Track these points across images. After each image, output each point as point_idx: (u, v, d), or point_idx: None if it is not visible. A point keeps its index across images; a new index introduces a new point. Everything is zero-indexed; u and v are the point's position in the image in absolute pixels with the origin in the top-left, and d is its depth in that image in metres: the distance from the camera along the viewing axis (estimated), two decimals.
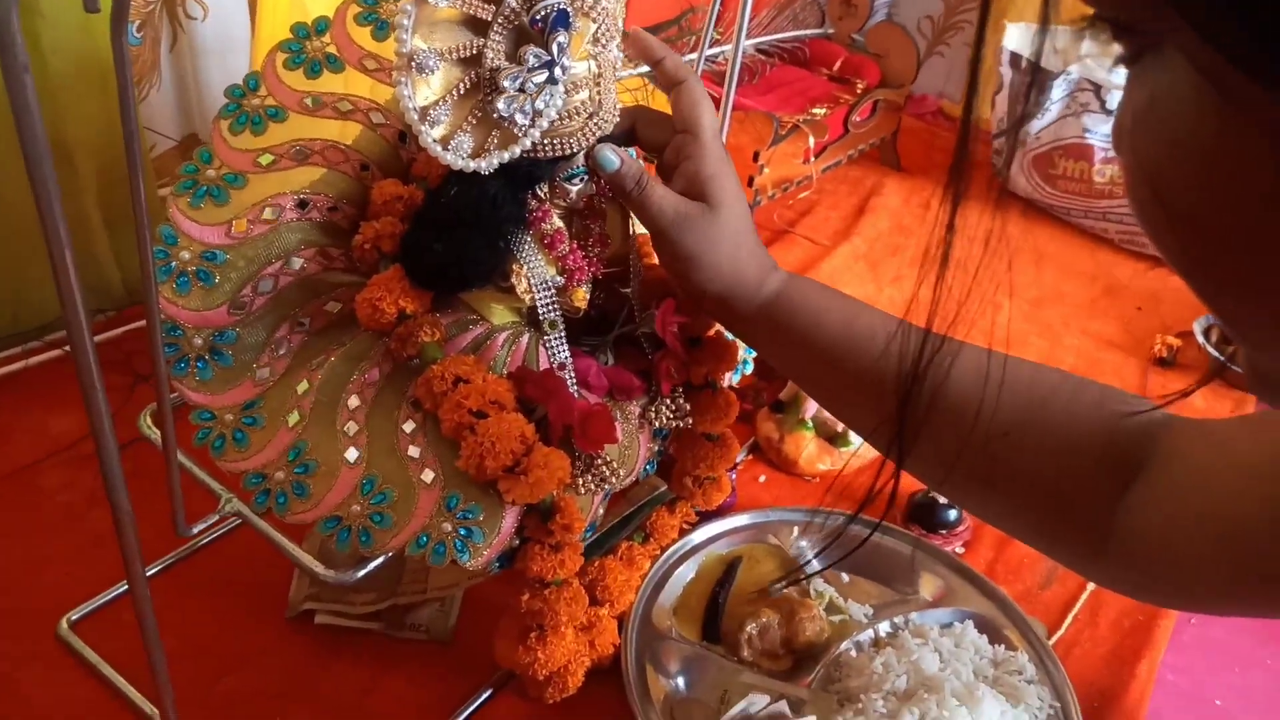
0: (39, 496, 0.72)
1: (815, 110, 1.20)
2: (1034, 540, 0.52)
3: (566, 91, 0.51)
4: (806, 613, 0.64)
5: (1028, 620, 0.66)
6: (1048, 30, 0.28)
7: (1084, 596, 0.74)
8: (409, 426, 0.54)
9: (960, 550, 0.75)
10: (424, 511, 0.51)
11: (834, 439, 0.82)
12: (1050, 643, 0.66)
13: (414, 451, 0.53)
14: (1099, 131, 1.17)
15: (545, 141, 0.52)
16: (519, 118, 0.50)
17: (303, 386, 0.55)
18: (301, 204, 0.56)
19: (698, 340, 0.63)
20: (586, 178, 0.56)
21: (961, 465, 0.49)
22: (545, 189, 0.56)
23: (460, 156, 0.51)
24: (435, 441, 0.53)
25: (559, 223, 0.56)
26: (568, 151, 0.53)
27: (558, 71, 0.50)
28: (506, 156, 0.51)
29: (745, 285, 0.56)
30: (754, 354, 0.77)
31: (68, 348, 0.81)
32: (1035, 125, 1.20)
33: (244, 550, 0.66)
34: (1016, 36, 1.20)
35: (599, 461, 0.56)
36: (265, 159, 0.56)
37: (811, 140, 1.13)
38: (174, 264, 0.55)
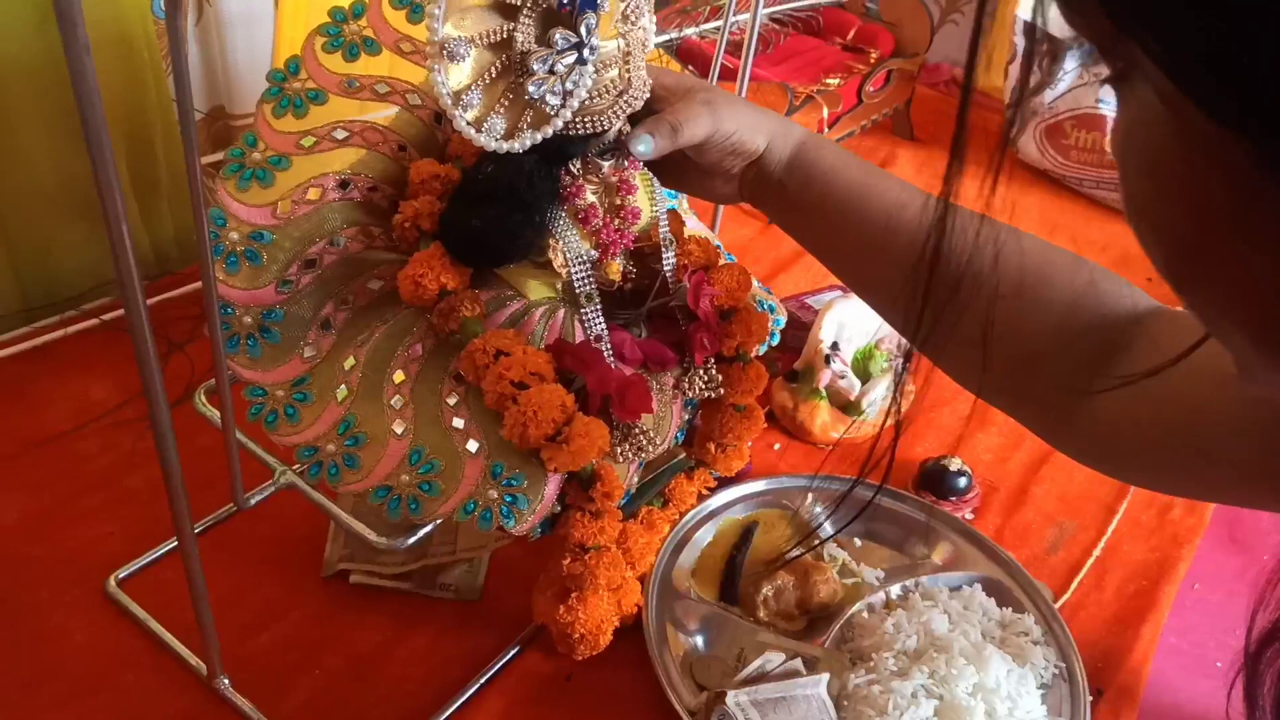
0: (80, 460, 0.75)
1: (829, 80, 1.20)
2: (1007, 401, 0.55)
3: (596, 70, 0.53)
4: (820, 576, 0.67)
5: (1035, 584, 0.69)
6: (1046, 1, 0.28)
7: (1089, 562, 0.77)
8: (453, 399, 0.56)
9: (969, 516, 0.78)
10: (470, 480, 0.54)
11: (847, 408, 0.84)
12: (1056, 606, 0.68)
13: (458, 423, 0.55)
14: (1112, 102, 1.18)
15: (577, 120, 0.54)
16: (550, 98, 0.52)
17: (349, 362, 0.57)
18: (343, 184, 0.58)
19: (729, 312, 0.65)
20: (618, 153, 0.58)
21: (973, 333, 0.51)
22: (578, 165, 0.57)
23: (493, 138, 0.52)
24: (478, 413, 0.55)
25: (592, 197, 0.58)
26: (599, 129, 0.55)
27: (586, 52, 0.51)
28: (539, 137, 0.53)
29: (779, 134, 0.59)
30: (781, 325, 0.79)
31: (106, 316, 0.83)
32: (1048, 95, 1.21)
33: (280, 513, 0.69)
34: (1031, 5, 1.20)
35: (636, 430, 0.59)
36: (307, 141, 0.58)
37: (825, 111, 1.14)
38: (223, 245, 0.56)
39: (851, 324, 0.85)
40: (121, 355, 0.80)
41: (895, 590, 0.68)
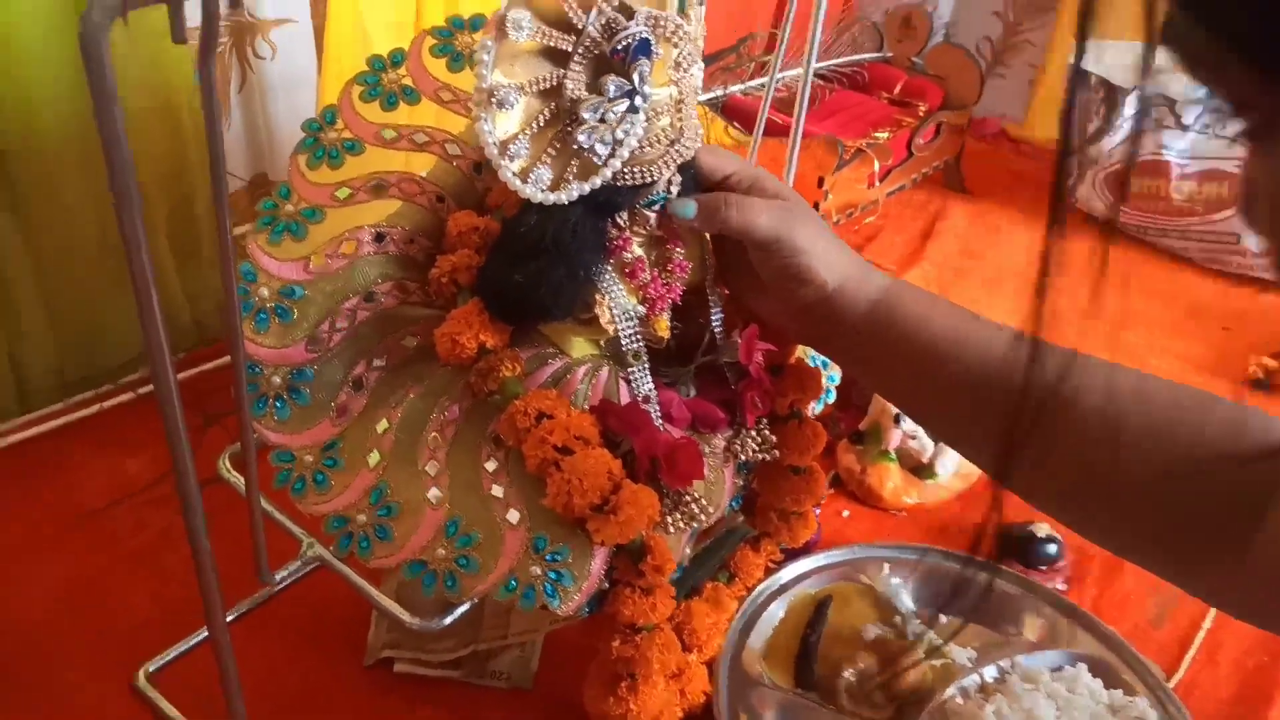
0: (114, 539, 0.72)
1: (877, 134, 1.17)
2: (1156, 562, 0.48)
3: (647, 119, 0.50)
4: (906, 657, 0.60)
5: (1143, 661, 0.62)
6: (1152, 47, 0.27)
7: (1200, 635, 0.69)
8: (491, 465, 0.52)
9: (1062, 587, 0.71)
10: (511, 553, 0.50)
11: (919, 470, 0.78)
12: (1170, 685, 0.61)
13: (497, 490, 0.51)
14: (1175, 147, 1.13)
15: (626, 170, 0.51)
16: (599, 148, 0.49)
17: (382, 425, 0.54)
18: (378, 237, 0.55)
19: (780, 368, 0.61)
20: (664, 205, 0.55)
21: (1083, 479, 0.46)
22: (625, 217, 0.54)
23: (539, 189, 0.49)
24: (519, 479, 0.51)
25: (639, 251, 0.55)
26: (648, 180, 0.52)
27: (639, 100, 0.48)
28: (586, 188, 0.49)
29: (855, 278, 0.54)
30: (836, 381, 0.74)
31: (142, 390, 0.81)
32: (1108, 143, 1.16)
33: (321, 593, 0.65)
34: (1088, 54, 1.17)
35: (687, 498, 0.54)
36: (343, 193, 0.56)
37: (876, 164, 1.11)
38: (253, 301, 0.54)
39: None
40: (158, 429, 0.77)
41: (990, 672, 0.61)
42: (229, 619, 0.61)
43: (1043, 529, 0.71)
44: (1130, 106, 1.13)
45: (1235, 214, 1.10)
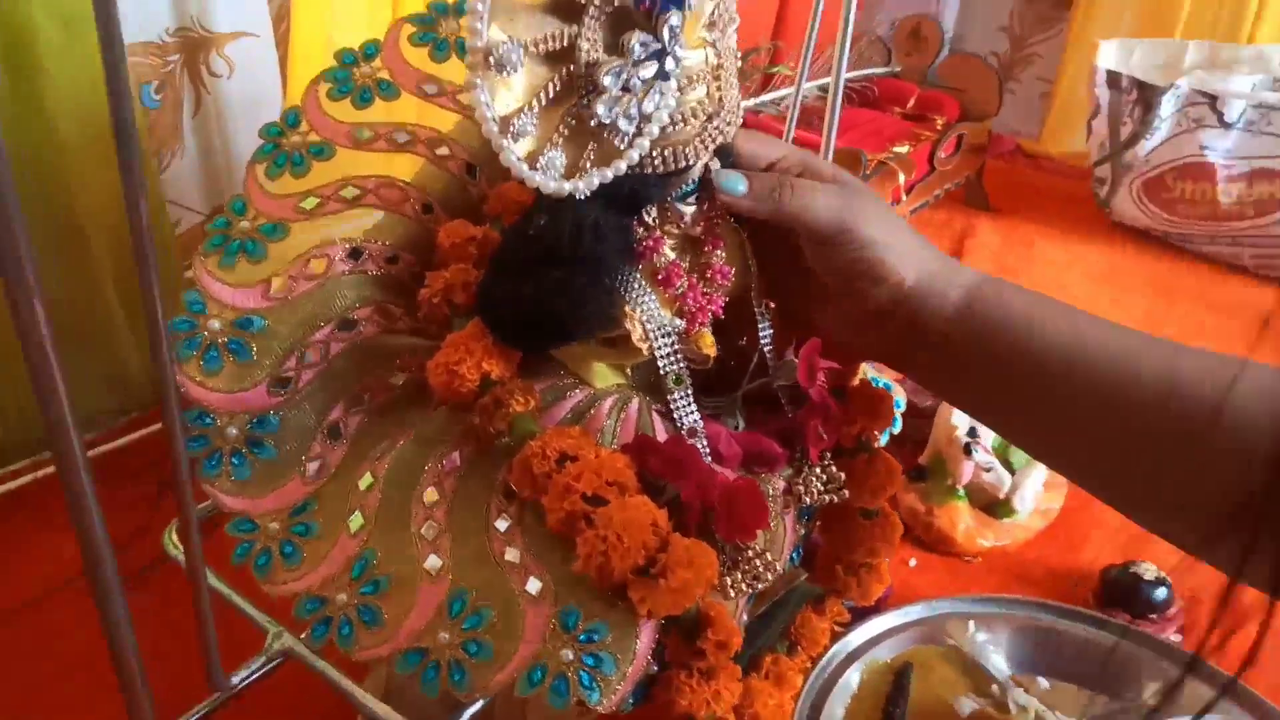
0: (49, 637, 0.61)
1: (897, 149, 1.09)
2: None
3: (679, 88, 0.41)
4: None
5: None
6: None
7: None
8: (503, 523, 0.42)
9: (1177, 638, 0.61)
10: (534, 635, 0.39)
11: (994, 508, 0.68)
12: None
13: (512, 555, 0.41)
14: (1219, 147, 1.05)
15: (655, 153, 0.41)
16: (622, 124, 0.40)
17: (365, 481, 0.44)
18: (354, 253, 0.46)
19: (842, 391, 0.51)
20: (703, 196, 0.45)
21: None
22: (654, 213, 0.44)
23: (552, 177, 0.40)
24: (539, 540, 0.41)
25: (672, 254, 0.45)
26: (681, 164, 0.42)
27: (669, 63, 0.39)
28: (609, 174, 0.40)
29: (938, 274, 0.44)
30: (902, 407, 0.64)
31: (93, 451, 0.71)
32: (1143, 146, 1.08)
33: (290, 696, 0.53)
34: (1113, 54, 1.10)
35: (750, 553, 0.44)
36: (309, 203, 0.46)
37: (901, 177, 1.02)
38: (201, 336, 0.44)
39: None
40: (108, 499, 0.67)
41: None
42: None
43: (1150, 570, 0.61)
44: (1168, 106, 1.05)
45: None
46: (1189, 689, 0.54)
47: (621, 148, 0.40)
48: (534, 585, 0.40)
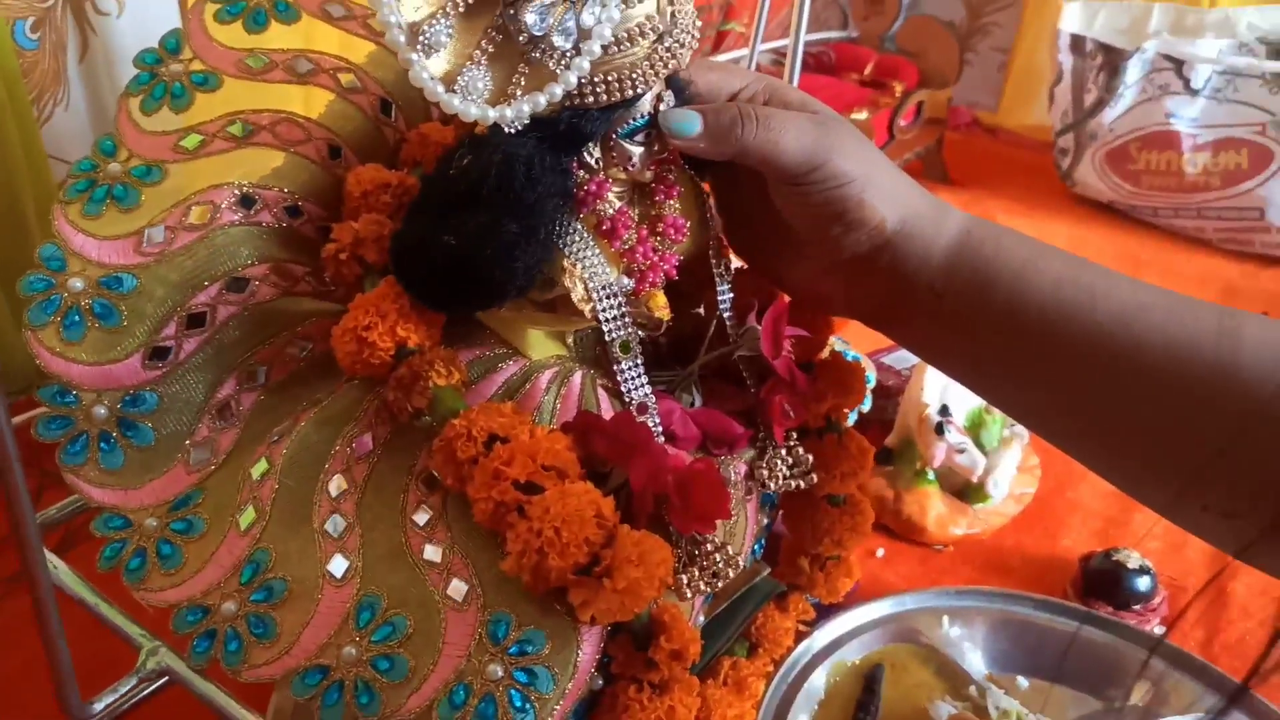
0: None
1: (856, 115, 1.05)
2: None
3: (625, 0, 0.35)
4: None
5: None
6: None
7: None
8: (422, 516, 0.36)
9: (1160, 630, 0.57)
10: (456, 647, 0.33)
11: (966, 493, 0.64)
12: None
13: (432, 553, 0.35)
14: (1184, 115, 1.02)
15: (596, 78, 0.36)
16: (557, 39, 0.34)
17: (260, 468, 0.38)
18: (245, 200, 0.39)
19: (809, 364, 0.46)
20: (653, 133, 0.39)
21: None
22: (597, 152, 0.38)
23: (473, 102, 0.34)
24: (464, 535, 0.35)
25: (619, 202, 0.39)
26: (628, 93, 0.36)
27: None
28: (543, 101, 0.35)
29: (925, 216, 0.38)
30: (873, 383, 0.59)
31: None
32: (1107, 114, 1.05)
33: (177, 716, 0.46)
34: (1076, 16, 1.06)
35: (708, 546, 0.38)
36: (191, 141, 0.40)
37: None
38: (60, 297, 0.37)
39: (956, 384, 0.65)
40: None
41: None
42: None
43: (1133, 558, 0.57)
44: (1134, 72, 1.01)
45: (1258, 186, 0.99)
46: (1180, 686, 0.50)
47: (557, 70, 0.34)
48: (458, 589, 0.35)
